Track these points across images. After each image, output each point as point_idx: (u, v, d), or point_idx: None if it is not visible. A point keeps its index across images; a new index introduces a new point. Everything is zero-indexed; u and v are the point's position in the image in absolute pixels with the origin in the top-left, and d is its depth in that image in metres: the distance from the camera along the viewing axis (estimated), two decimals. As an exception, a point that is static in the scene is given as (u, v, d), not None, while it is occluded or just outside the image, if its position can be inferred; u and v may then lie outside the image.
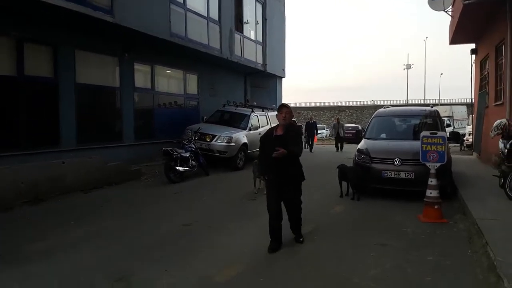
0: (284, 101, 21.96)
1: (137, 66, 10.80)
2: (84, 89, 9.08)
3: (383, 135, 8.53)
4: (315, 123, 19.97)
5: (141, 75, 11.12)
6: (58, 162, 7.65)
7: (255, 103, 14.41)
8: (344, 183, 7.56)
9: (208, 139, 10.71)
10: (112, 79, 10.10)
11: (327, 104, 50.84)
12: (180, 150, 9.31)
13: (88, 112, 9.31)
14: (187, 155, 9.42)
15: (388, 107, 9.95)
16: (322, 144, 23.75)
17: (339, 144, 18.23)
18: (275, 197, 4.56)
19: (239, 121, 12.01)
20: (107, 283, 3.65)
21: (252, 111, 12.54)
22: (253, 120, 12.13)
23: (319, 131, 32.53)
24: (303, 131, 18.02)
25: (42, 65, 8.14)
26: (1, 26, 7.18)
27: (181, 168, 9.13)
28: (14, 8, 7.08)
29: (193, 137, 10.31)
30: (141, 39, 9.90)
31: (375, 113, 9.56)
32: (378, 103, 45.74)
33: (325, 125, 41.31)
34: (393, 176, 7.05)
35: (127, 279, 3.74)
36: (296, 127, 4.73)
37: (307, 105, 51.57)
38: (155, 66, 11.55)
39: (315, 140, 24.91)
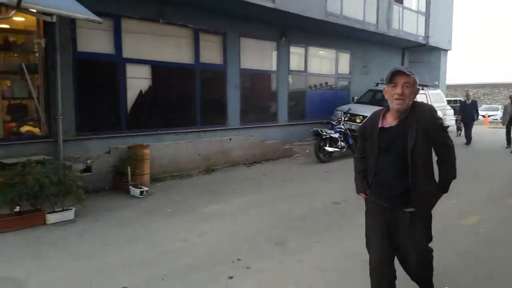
0: (448, 78, 19.42)
1: (292, 49, 11.31)
2: (246, 74, 10.06)
3: None
4: (474, 103, 13.64)
5: (295, 57, 11.60)
6: (226, 138, 8.85)
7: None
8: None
9: (358, 120, 10.56)
10: (270, 63, 10.86)
11: (504, 81, 42.88)
12: (329, 131, 9.50)
13: (249, 95, 10.31)
14: (336, 136, 9.54)
15: None
16: (495, 128, 20.41)
17: None
18: (380, 241, 2.55)
19: (393, 101, 11.38)
20: (268, 245, 4.17)
21: (409, 90, 11.70)
22: (409, 100, 11.32)
23: (491, 113, 27.91)
24: (455, 116, 14.95)
25: (213, 53, 9.35)
26: (183, 19, 8.48)
27: (330, 149, 9.34)
28: (192, 2, 8.25)
29: (342, 117, 10.33)
30: (297, 22, 10.29)
31: None
32: None
33: (499, 105, 35.15)
34: None
35: (285, 244, 4.19)
36: (427, 108, 2.48)
37: (477, 82, 44.66)
38: (309, 48, 11.87)
39: (486, 122, 21.38)
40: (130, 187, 6.29)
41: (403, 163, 2.38)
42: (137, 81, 7.74)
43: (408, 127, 2.38)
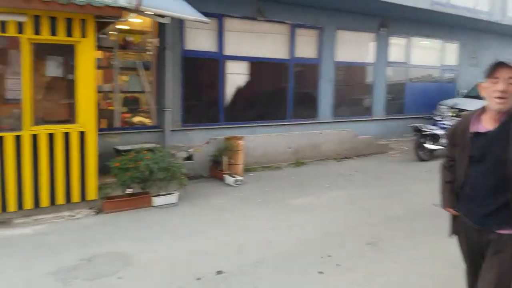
0: None
1: (392, 40, 10.68)
2: (341, 67, 9.83)
3: None
4: None
5: (395, 48, 10.93)
6: (317, 132, 8.80)
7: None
8: None
9: (466, 116, 9.58)
10: (366, 55, 10.44)
11: None
12: (432, 127, 8.81)
13: (343, 88, 10.05)
14: (440, 132, 8.79)
15: None
16: None
17: None
18: (471, 265, 2.30)
19: (510, 96, 10.07)
20: (360, 244, 4.09)
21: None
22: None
23: None
24: None
25: (308, 47, 9.29)
26: (281, 16, 8.57)
27: (431, 146, 8.65)
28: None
29: (447, 113, 9.49)
30: (398, 12, 9.71)
31: None
32: None
33: None
34: None
35: (377, 244, 4.06)
36: None
37: None
38: (411, 38, 11.08)
39: None
40: (225, 175, 6.67)
41: (500, 176, 1.98)
42: (235, 76, 8.12)
43: (510, 132, 1.96)
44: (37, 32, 4.60)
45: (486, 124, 2.07)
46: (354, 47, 10.15)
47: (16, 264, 3.60)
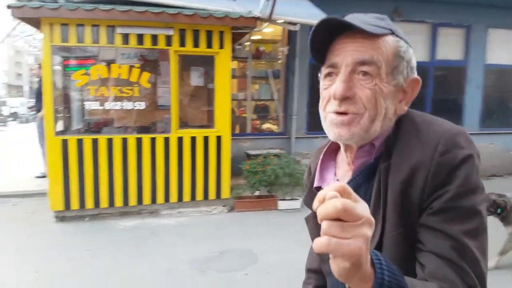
0: None
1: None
2: (492, 71, 8.60)
3: None
4: None
5: None
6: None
7: None
8: None
9: None
10: (526, 56, 8.92)
11: None
12: None
13: (494, 95, 8.79)
14: None
15: None
16: None
17: None
18: None
19: None
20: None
21: None
22: None
23: None
24: None
25: (452, 48, 8.36)
26: (420, 15, 7.88)
27: None
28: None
29: None
30: None
31: None
32: None
33: None
34: None
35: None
36: (432, 138, 0.85)
37: None
38: None
39: None
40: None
41: None
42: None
43: (373, 191, 0.87)
44: (182, 44, 5.18)
45: (340, 172, 0.99)
46: (511, 47, 8.77)
47: (161, 250, 4.14)
